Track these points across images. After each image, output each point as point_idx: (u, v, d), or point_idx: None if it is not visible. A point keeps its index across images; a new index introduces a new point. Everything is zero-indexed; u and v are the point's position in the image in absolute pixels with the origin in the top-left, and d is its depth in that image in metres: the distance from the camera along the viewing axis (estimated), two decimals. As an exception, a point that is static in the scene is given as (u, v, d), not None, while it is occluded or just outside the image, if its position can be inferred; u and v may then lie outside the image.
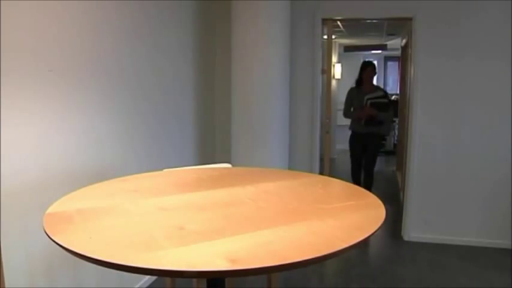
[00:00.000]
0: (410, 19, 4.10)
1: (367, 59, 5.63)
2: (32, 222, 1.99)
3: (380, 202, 1.48)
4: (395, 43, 8.95)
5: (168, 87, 3.53)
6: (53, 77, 2.21)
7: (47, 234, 1.19)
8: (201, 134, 4.22)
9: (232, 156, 3.88)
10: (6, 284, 1.92)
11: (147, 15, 3.13)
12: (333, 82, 8.11)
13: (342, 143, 9.18)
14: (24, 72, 2.04)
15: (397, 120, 7.37)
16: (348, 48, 11.40)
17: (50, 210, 1.40)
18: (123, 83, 2.85)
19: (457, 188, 4.06)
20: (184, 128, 3.88)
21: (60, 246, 1.12)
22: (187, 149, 3.97)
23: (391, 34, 8.37)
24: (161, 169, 2.16)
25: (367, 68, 4.88)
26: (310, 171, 4.28)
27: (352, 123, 5.06)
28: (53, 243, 1.15)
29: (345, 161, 7.49)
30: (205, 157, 4.21)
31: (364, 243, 1.20)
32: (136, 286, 3.11)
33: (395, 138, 8.44)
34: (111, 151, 2.74)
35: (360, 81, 4.93)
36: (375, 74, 4.96)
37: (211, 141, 4.49)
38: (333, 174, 5.16)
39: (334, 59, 8.67)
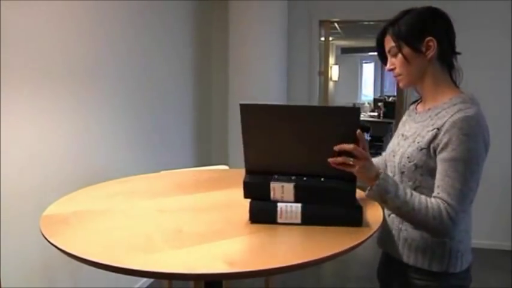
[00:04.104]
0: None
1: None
2: (29, 224, 1.98)
3: (377, 204, 1.47)
4: (393, 45, 8.96)
5: (165, 89, 3.53)
6: (50, 79, 2.21)
7: (44, 236, 1.19)
8: (198, 136, 4.21)
9: (229, 158, 3.88)
10: (3, 285, 1.91)
11: (144, 17, 3.13)
12: (330, 84, 8.12)
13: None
14: (22, 75, 2.03)
15: (394, 122, 7.38)
16: (345, 50, 11.44)
17: (47, 212, 1.39)
18: (120, 85, 2.84)
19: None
20: (181, 129, 3.87)
21: (57, 248, 1.12)
22: (185, 151, 3.96)
23: (388, 36, 8.38)
24: (158, 171, 2.15)
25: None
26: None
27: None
28: (50, 245, 1.15)
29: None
30: (202, 159, 4.21)
31: (361, 245, 1.20)
32: (135, 286, 3.11)
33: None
34: (108, 153, 2.73)
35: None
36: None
37: (209, 143, 4.48)
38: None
39: (331, 60, 8.69)
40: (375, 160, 1.64)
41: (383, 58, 1.45)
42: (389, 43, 1.39)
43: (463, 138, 1.22)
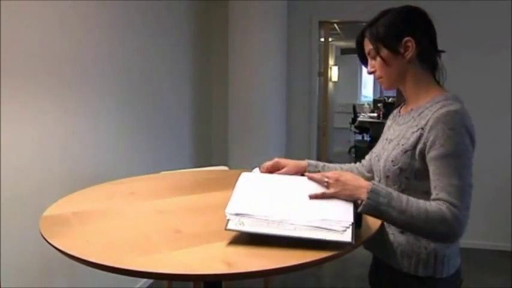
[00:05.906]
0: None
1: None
2: (29, 225, 1.98)
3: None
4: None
5: (165, 90, 3.53)
6: (49, 81, 2.21)
7: (43, 237, 1.19)
8: (198, 136, 4.21)
9: (229, 159, 3.87)
10: (3, 285, 1.91)
11: (144, 17, 3.13)
12: (330, 85, 8.13)
13: (339, 145, 9.22)
14: (22, 75, 2.03)
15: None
16: (344, 51, 11.43)
17: (46, 213, 1.40)
18: (119, 86, 2.84)
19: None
20: (181, 130, 3.87)
21: (57, 249, 1.12)
22: (184, 152, 3.96)
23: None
24: (158, 172, 2.15)
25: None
26: (307, 173, 4.28)
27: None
28: (49, 245, 1.15)
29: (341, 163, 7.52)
30: (202, 160, 4.21)
31: (361, 245, 1.20)
32: (135, 287, 3.10)
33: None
34: (107, 154, 2.73)
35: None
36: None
37: (208, 144, 4.48)
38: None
39: (331, 61, 8.69)
40: (348, 166, 1.64)
41: (363, 60, 1.41)
42: (368, 45, 1.35)
43: (450, 132, 1.17)
